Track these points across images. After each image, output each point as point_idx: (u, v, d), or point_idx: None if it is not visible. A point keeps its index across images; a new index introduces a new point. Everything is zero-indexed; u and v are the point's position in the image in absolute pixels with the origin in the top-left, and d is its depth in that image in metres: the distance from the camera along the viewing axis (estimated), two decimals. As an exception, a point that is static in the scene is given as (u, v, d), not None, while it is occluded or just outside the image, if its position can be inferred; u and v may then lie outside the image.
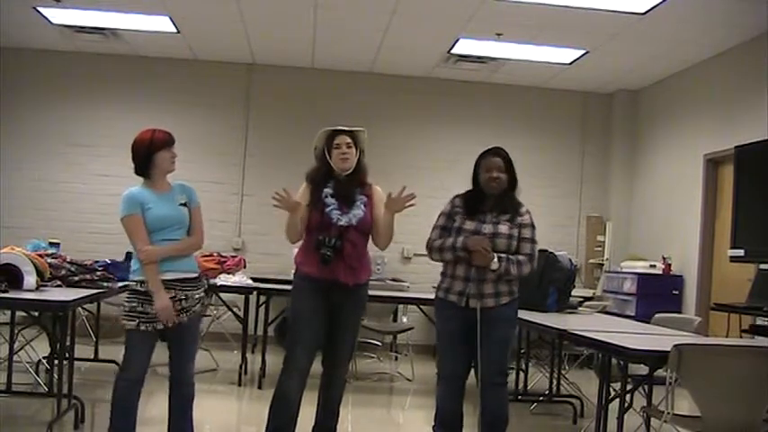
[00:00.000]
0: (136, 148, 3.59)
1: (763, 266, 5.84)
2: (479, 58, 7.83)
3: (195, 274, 3.67)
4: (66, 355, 4.32)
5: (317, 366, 3.95)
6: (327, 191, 3.85)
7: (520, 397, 5.86)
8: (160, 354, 3.66)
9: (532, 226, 3.86)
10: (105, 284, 4.63)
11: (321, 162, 3.94)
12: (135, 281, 3.53)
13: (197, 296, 3.62)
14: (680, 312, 6.79)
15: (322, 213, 3.81)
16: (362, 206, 3.89)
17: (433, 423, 3.90)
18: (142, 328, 3.47)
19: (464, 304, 3.77)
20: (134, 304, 3.50)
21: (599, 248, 8.74)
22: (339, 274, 3.78)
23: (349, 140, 3.89)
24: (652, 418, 4.16)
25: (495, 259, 3.70)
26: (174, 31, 7.44)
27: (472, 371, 3.85)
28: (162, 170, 3.62)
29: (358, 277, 3.87)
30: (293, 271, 3.97)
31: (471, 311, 3.73)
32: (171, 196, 3.62)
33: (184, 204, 3.65)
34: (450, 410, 3.86)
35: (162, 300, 3.44)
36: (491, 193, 3.84)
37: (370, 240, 4.01)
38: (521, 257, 3.77)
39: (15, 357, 5.04)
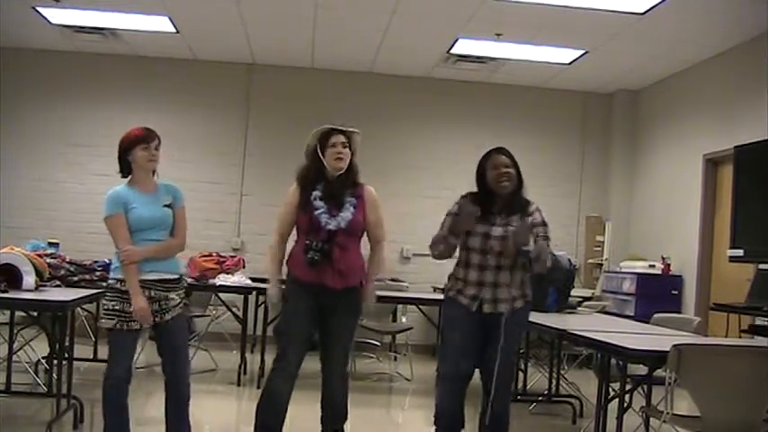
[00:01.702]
0: (118, 147, 3.59)
1: (762, 266, 5.83)
2: (479, 58, 7.83)
3: (176, 276, 3.64)
4: (66, 355, 4.32)
5: (316, 366, 3.95)
6: (316, 193, 3.80)
7: (519, 397, 5.85)
8: (153, 354, 3.66)
9: (544, 224, 3.76)
10: (104, 284, 4.61)
11: (312, 161, 3.88)
12: (115, 279, 3.52)
13: (177, 297, 3.59)
14: (679, 312, 6.79)
15: (310, 216, 3.77)
16: (351, 208, 3.83)
17: (434, 426, 3.81)
18: (118, 326, 3.46)
19: (476, 309, 3.70)
20: (114, 302, 3.49)
21: (598, 248, 8.74)
22: (326, 278, 3.74)
23: (344, 140, 3.85)
24: (651, 419, 4.16)
25: (532, 241, 3.58)
26: (174, 31, 7.44)
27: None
28: (140, 168, 3.57)
29: (347, 281, 3.80)
30: (285, 273, 3.93)
31: (484, 316, 3.67)
32: (156, 197, 3.60)
33: (169, 205, 3.61)
34: (452, 412, 3.77)
35: (139, 301, 3.42)
36: (501, 193, 3.71)
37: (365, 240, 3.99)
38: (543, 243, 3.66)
39: (15, 357, 5.03)
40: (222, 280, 6.16)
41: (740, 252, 5.88)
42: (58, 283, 4.49)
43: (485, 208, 3.73)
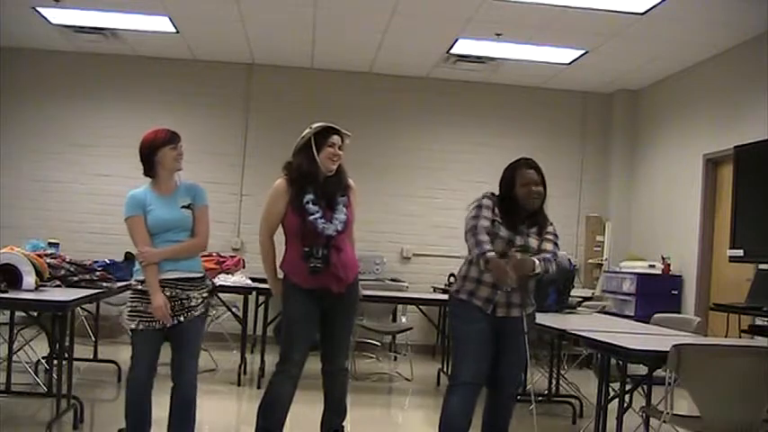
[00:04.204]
0: (140, 148, 3.60)
1: (762, 266, 5.84)
2: (479, 58, 7.83)
3: (199, 275, 3.65)
4: (66, 355, 4.32)
5: (316, 367, 3.95)
6: (309, 197, 3.73)
7: (519, 397, 5.83)
8: (163, 354, 3.65)
9: (556, 235, 3.76)
10: (104, 285, 4.62)
11: (304, 157, 3.78)
12: (137, 280, 3.56)
13: (199, 297, 3.60)
14: (679, 312, 6.80)
15: (303, 220, 3.71)
16: (344, 208, 3.81)
17: None
18: (141, 327, 3.49)
19: (490, 312, 3.59)
20: (135, 303, 3.53)
21: (598, 248, 8.74)
22: (329, 283, 3.73)
23: (341, 142, 3.82)
24: (651, 418, 4.16)
25: (537, 263, 3.51)
26: (174, 31, 7.44)
27: None
28: (167, 169, 3.60)
29: (347, 281, 3.81)
30: (281, 276, 3.89)
31: (497, 320, 3.59)
32: (173, 198, 3.60)
33: (188, 206, 3.61)
34: (461, 427, 3.56)
35: (157, 300, 3.45)
36: (529, 209, 3.66)
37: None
38: (546, 255, 3.61)
39: (15, 357, 5.03)
40: (222, 280, 6.17)
41: (740, 252, 5.88)
42: (58, 283, 4.48)
43: (512, 216, 3.65)
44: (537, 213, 3.71)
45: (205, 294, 3.64)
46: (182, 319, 3.53)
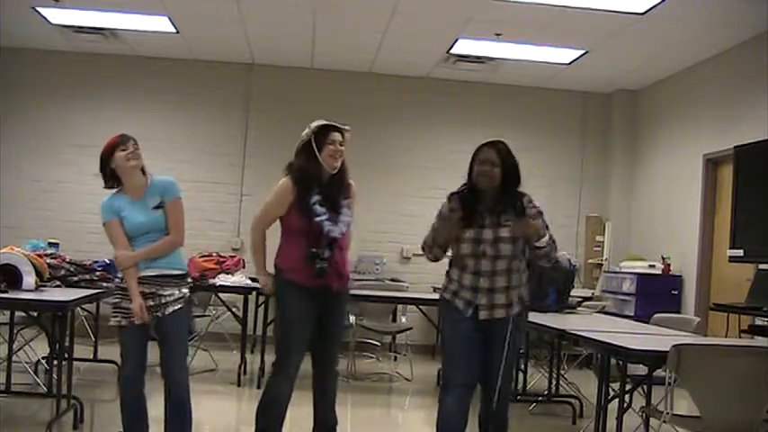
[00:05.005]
0: (99, 162, 3.64)
1: (762, 266, 5.84)
2: (478, 58, 7.83)
3: (178, 272, 3.61)
4: (66, 356, 4.33)
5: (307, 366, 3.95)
6: (316, 198, 3.74)
7: (519, 397, 5.85)
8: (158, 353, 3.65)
9: (540, 212, 3.59)
10: (104, 284, 4.63)
11: (307, 158, 3.78)
12: (119, 278, 3.60)
13: (179, 293, 3.56)
14: (679, 312, 6.80)
15: (310, 221, 3.72)
16: (347, 210, 3.84)
17: None
18: (124, 323, 3.51)
19: (470, 315, 3.49)
20: (117, 300, 3.56)
21: (598, 248, 8.74)
22: (331, 282, 3.76)
23: (341, 138, 3.83)
24: (651, 419, 4.16)
25: (547, 237, 3.46)
26: (174, 31, 7.44)
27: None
28: (125, 170, 3.58)
29: (346, 279, 3.87)
30: (275, 272, 3.88)
31: (481, 323, 3.50)
32: (144, 201, 3.58)
33: (159, 206, 3.58)
34: (457, 427, 3.47)
35: (134, 301, 3.47)
36: (483, 188, 3.53)
37: None
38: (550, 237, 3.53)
39: (14, 357, 5.04)
40: (222, 280, 6.17)
41: (740, 252, 5.88)
42: (57, 283, 4.49)
43: (472, 207, 3.55)
44: (501, 197, 3.54)
45: (185, 290, 3.61)
46: (159, 314, 3.51)
